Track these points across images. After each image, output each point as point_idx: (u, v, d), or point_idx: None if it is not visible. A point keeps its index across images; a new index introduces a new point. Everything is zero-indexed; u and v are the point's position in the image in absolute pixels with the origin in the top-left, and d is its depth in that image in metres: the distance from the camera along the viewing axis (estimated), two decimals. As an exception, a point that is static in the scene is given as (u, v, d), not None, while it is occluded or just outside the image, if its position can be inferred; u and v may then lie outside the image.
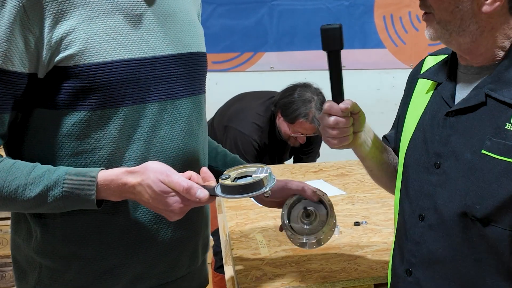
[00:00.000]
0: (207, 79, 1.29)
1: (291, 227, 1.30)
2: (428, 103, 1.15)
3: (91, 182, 1.02)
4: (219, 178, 1.09)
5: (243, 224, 1.80)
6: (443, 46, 1.13)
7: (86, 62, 1.03)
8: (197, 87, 1.21)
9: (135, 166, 1.09)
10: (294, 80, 2.77)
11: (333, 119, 1.10)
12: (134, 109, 1.09)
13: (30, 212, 1.11)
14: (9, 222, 2.77)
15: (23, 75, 1.01)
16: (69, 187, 1.02)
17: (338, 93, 1.12)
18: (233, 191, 1.05)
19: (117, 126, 1.07)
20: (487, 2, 0.98)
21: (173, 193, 1.02)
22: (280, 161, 2.92)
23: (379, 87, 3.82)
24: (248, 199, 2.01)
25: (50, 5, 1.00)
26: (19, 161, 1.04)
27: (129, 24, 1.08)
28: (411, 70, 1.30)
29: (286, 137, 2.70)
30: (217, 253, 2.83)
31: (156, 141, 1.12)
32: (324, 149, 2.99)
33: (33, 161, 1.07)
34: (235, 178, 1.09)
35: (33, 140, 1.09)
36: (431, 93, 1.15)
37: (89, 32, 1.03)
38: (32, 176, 1.02)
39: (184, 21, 1.18)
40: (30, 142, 1.09)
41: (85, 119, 1.06)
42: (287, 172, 2.43)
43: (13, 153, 1.12)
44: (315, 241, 1.28)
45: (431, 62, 1.22)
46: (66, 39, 1.02)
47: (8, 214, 2.61)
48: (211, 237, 1.98)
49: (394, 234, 1.23)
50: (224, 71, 2.82)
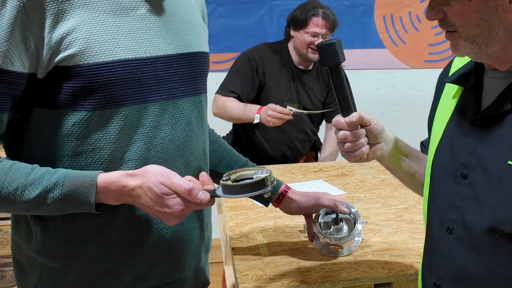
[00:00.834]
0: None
1: (322, 233, 1.49)
2: (455, 108, 1.10)
3: (90, 184, 1.02)
4: (220, 180, 1.09)
5: (243, 224, 1.80)
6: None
7: (86, 62, 1.03)
8: (198, 87, 1.21)
9: (136, 166, 1.09)
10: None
11: (341, 133, 1.09)
12: (134, 109, 1.08)
13: (29, 214, 1.10)
14: (9, 222, 2.77)
15: (23, 75, 1.01)
16: (68, 189, 1.02)
17: (344, 106, 1.11)
18: (234, 191, 1.05)
19: (118, 126, 1.07)
20: None
21: (174, 195, 1.02)
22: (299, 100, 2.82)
23: (379, 87, 3.82)
24: (249, 199, 2.01)
25: (50, 5, 1.00)
26: (17, 162, 1.04)
27: (130, 24, 1.08)
28: (440, 72, 1.25)
29: (303, 52, 2.70)
30: None
31: (156, 141, 1.12)
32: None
33: (32, 162, 1.06)
34: (235, 180, 1.10)
35: (32, 140, 1.08)
36: (458, 98, 1.10)
37: (89, 32, 1.03)
38: (31, 177, 1.02)
39: (185, 21, 1.18)
40: (29, 142, 1.09)
41: (85, 119, 1.05)
42: (287, 172, 2.43)
43: (12, 154, 1.11)
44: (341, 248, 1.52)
45: (458, 63, 1.17)
46: (66, 39, 1.01)
47: (8, 214, 2.61)
48: None
49: (423, 246, 1.19)
50: (224, 71, 2.83)
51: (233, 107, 2.64)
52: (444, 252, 1.07)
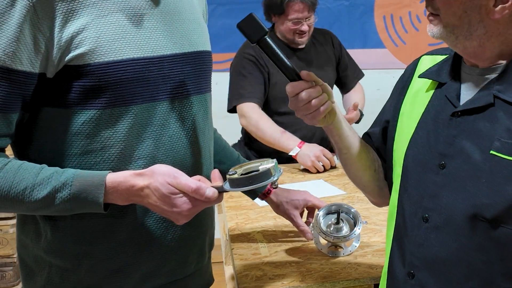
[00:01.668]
0: None
1: (323, 232, 1.51)
2: (429, 102, 1.13)
3: (99, 184, 1.02)
4: (226, 175, 1.09)
5: (243, 224, 1.80)
6: (443, 45, 1.13)
7: (96, 61, 1.03)
8: (203, 86, 1.22)
9: (145, 164, 1.09)
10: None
11: (304, 94, 1.07)
12: (143, 108, 1.09)
13: (37, 214, 1.11)
14: (9, 222, 2.78)
15: (32, 75, 1.02)
16: (77, 189, 1.02)
17: (290, 73, 1.10)
18: (242, 183, 1.05)
19: (127, 124, 1.08)
20: (496, 9, 0.97)
21: (181, 195, 1.03)
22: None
23: (379, 87, 3.82)
24: (249, 199, 2.01)
25: (60, 4, 1.01)
26: (26, 162, 1.04)
27: (138, 23, 1.08)
28: (405, 68, 1.28)
29: (291, 38, 2.59)
30: None
31: (165, 139, 1.12)
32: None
33: (41, 161, 1.07)
34: (242, 174, 1.09)
35: (41, 139, 1.09)
36: (432, 92, 1.14)
37: (99, 31, 1.04)
38: (40, 177, 1.02)
39: (190, 20, 1.19)
40: (38, 141, 1.09)
41: (95, 118, 1.06)
42: (287, 172, 2.44)
43: (20, 153, 1.12)
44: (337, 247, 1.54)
45: (427, 62, 1.21)
46: (76, 38, 1.02)
47: (8, 214, 2.61)
48: None
49: (390, 236, 1.20)
50: (224, 71, 2.83)
51: (269, 130, 2.45)
52: (418, 240, 1.08)
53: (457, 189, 1.03)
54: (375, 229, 1.73)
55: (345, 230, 1.55)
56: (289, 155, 2.40)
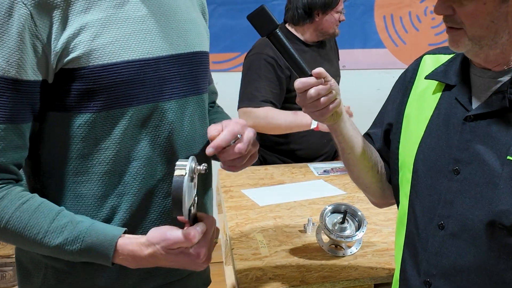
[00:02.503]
0: None
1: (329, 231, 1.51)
2: (437, 105, 1.10)
3: (110, 246, 1.03)
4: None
5: (243, 224, 1.80)
6: (443, 45, 1.11)
7: (91, 64, 1.03)
8: (200, 86, 1.21)
9: (140, 165, 1.10)
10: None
11: (313, 91, 1.05)
12: (139, 110, 1.09)
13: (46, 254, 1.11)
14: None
15: (36, 83, 1.02)
16: (87, 245, 1.03)
17: (300, 69, 1.08)
18: (178, 208, 0.98)
19: (122, 126, 1.08)
20: None
21: (182, 248, 1.03)
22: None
23: (379, 87, 3.82)
24: (249, 199, 2.01)
25: (56, 11, 1.01)
26: (45, 202, 1.04)
27: (133, 25, 1.08)
28: (407, 67, 1.26)
29: (331, 31, 2.60)
30: None
31: (160, 140, 1.12)
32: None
33: (39, 165, 1.08)
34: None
35: (39, 143, 1.09)
36: (439, 94, 1.11)
37: (93, 34, 1.04)
38: (54, 224, 1.03)
39: (186, 20, 1.19)
40: (36, 146, 1.09)
41: (90, 121, 1.06)
42: (287, 172, 2.44)
43: (32, 160, 1.12)
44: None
45: (430, 61, 1.18)
46: (71, 42, 1.02)
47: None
48: None
49: (401, 243, 1.17)
50: (224, 71, 2.83)
51: (280, 115, 2.42)
52: (434, 248, 1.06)
53: (474, 196, 1.00)
54: (375, 229, 1.73)
55: (348, 231, 1.55)
56: (311, 128, 2.40)
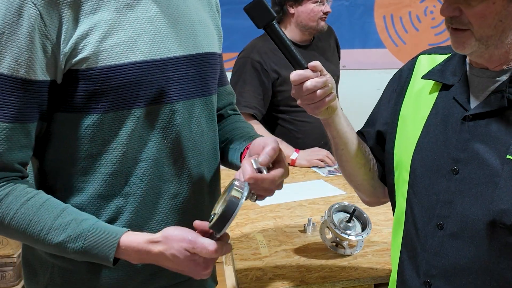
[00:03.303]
0: None
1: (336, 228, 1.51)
2: (434, 104, 1.10)
3: (112, 245, 1.03)
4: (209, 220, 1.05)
5: (243, 224, 1.80)
6: (443, 45, 1.11)
7: (99, 65, 1.03)
8: (209, 88, 1.21)
9: (147, 167, 1.10)
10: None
11: (309, 83, 1.04)
12: (146, 111, 1.09)
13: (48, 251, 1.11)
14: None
15: (45, 83, 1.02)
16: (89, 244, 1.03)
17: (296, 61, 1.07)
18: (219, 226, 1.00)
19: (129, 127, 1.08)
20: None
21: (199, 256, 1.02)
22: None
23: (379, 87, 3.80)
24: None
25: (65, 11, 1.01)
26: (50, 199, 1.05)
27: (141, 26, 1.08)
28: (402, 67, 1.25)
29: (314, 25, 2.52)
30: None
31: (167, 142, 1.12)
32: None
33: (46, 165, 1.09)
34: (222, 208, 1.03)
35: (47, 144, 1.09)
36: (436, 94, 1.10)
37: (101, 35, 1.04)
38: (58, 222, 1.03)
39: (195, 21, 1.18)
40: (44, 146, 1.10)
41: (98, 122, 1.06)
42: (287, 172, 2.43)
43: (39, 160, 1.12)
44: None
45: (426, 61, 1.17)
46: (80, 43, 1.02)
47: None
48: None
49: (398, 244, 1.16)
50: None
51: None
52: (434, 248, 1.06)
53: (473, 195, 1.00)
54: (375, 229, 1.73)
55: (353, 230, 1.54)
56: (290, 159, 2.45)
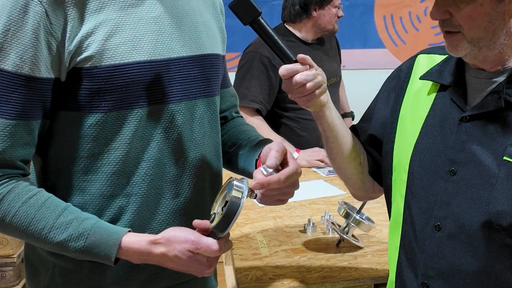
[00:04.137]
0: None
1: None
2: (432, 105, 1.10)
3: (113, 245, 1.03)
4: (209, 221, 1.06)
5: (243, 224, 1.80)
6: (443, 45, 1.11)
7: (103, 63, 1.04)
8: (211, 89, 1.21)
9: (149, 167, 1.10)
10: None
11: (298, 76, 1.04)
12: (149, 111, 1.09)
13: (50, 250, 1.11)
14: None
15: (49, 81, 1.03)
16: (91, 243, 1.03)
17: (285, 55, 1.08)
18: (222, 227, 1.01)
19: (132, 127, 1.08)
20: None
21: (201, 255, 1.03)
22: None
23: (379, 87, 3.80)
24: (249, 199, 2.01)
25: (71, 9, 1.02)
26: (52, 198, 1.05)
27: (145, 26, 1.08)
28: (400, 66, 1.25)
29: (330, 28, 2.59)
30: None
31: (170, 142, 1.12)
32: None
33: (49, 163, 1.09)
34: (222, 207, 1.05)
35: (50, 142, 1.09)
36: (434, 94, 1.10)
37: (106, 34, 1.04)
38: (59, 220, 1.03)
39: (199, 22, 1.19)
40: (47, 144, 1.10)
41: (101, 121, 1.06)
42: (287, 172, 2.43)
43: (42, 158, 1.12)
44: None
45: (424, 61, 1.17)
46: (85, 41, 1.03)
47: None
48: None
49: (396, 244, 1.16)
50: (224, 71, 2.84)
51: (268, 136, 2.43)
52: (431, 250, 1.05)
53: (470, 197, 1.00)
54: (375, 229, 1.73)
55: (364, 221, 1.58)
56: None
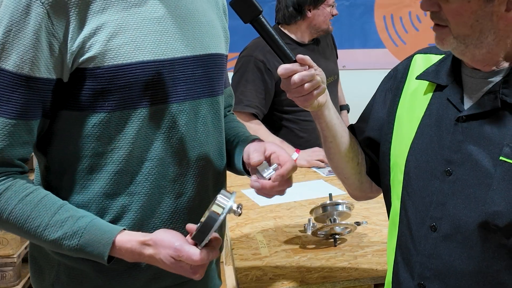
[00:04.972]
0: None
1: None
2: (428, 105, 1.10)
3: (106, 244, 1.04)
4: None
5: (243, 224, 1.80)
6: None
7: (106, 64, 1.04)
8: (215, 89, 1.21)
9: (153, 166, 1.10)
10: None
11: (297, 77, 1.05)
12: (152, 110, 1.09)
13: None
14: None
15: (50, 81, 1.03)
16: (85, 242, 1.04)
17: (284, 55, 1.08)
18: (201, 238, 1.01)
19: (136, 126, 1.08)
20: (510, 14, 0.95)
21: (186, 264, 1.03)
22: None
23: (379, 87, 3.83)
24: (249, 199, 2.01)
25: (73, 10, 1.02)
26: (48, 195, 1.05)
27: (148, 26, 1.09)
28: (397, 66, 1.24)
29: (325, 27, 2.57)
30: None
31: (173, 142, 1.13)
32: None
33: (52, 162, 1.09)
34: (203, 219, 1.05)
35: (54, 141, 1.10)
36: (431, 94, 1.10)
37: (109, 34, 1.04)
38: (55, 218, 1.04)
39: (203, 22, 1.19)
40: (50, 144, 1.10)
41: (105, 121, 1.07)
42: (287, 172, 2.43)
43: (46, 157, 1.12)
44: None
45: (421, 61, 1.17)
46: (87, 42, 1.03)
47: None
48: None
49: (393, 245, 1.15)
50: (224, 71, 2.84)
51: (267, 139, 2.34)
52: (427, 250, 1.05)
53: (466, 197, 1.00)
54: (375, 229, 1.73)
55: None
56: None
